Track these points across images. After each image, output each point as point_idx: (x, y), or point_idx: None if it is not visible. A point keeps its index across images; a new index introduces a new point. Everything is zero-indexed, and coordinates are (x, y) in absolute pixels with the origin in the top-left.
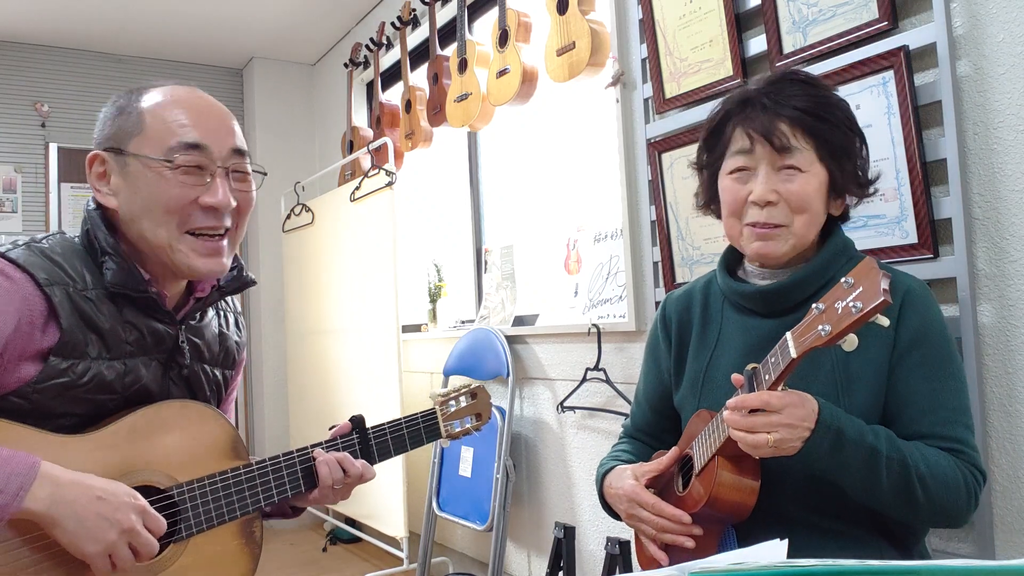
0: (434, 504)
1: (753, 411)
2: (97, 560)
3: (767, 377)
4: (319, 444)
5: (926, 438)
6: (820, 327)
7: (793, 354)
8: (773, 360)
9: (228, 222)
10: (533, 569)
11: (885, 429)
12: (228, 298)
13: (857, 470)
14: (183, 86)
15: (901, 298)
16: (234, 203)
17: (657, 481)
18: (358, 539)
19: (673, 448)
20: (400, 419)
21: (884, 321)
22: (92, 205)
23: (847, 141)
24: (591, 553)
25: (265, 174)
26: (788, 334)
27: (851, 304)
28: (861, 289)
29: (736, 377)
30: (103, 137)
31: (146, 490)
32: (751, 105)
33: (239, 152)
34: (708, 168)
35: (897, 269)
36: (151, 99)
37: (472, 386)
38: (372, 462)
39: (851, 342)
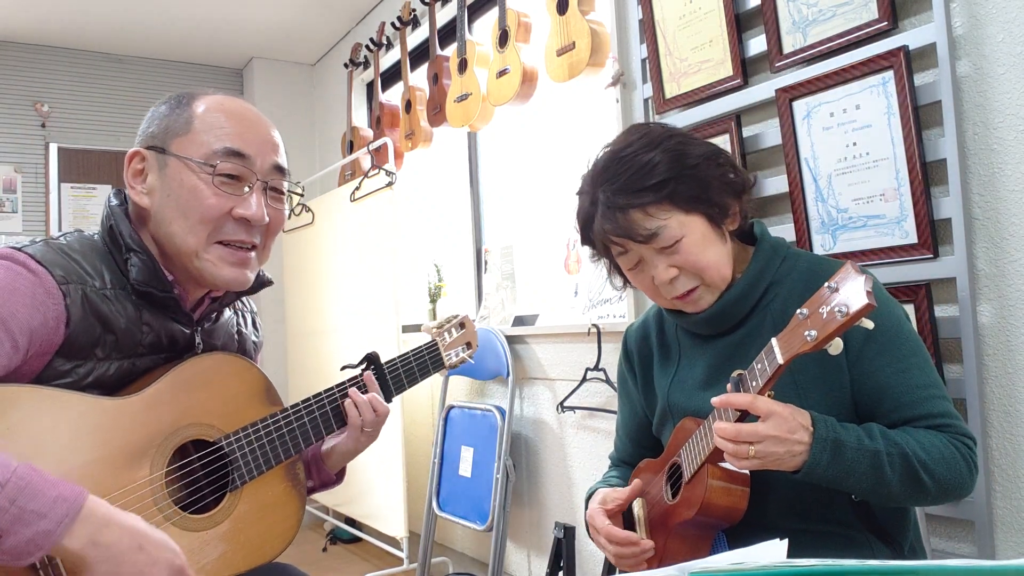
0: (434, 504)
1: (740, 419)
2: None
3: (754, 384)
4: (344, 384)
5: (910, 421)
6: (806, 332)
7: (780, 360)
8: (760, 367)
9: (257, 238)
10: (533, 569)
11: (877, 426)
12: (245, 298)
13: (863, 475)
14: (234, 97)
15: None
16: (267, 219)
17: (647, 492)
18: (358, 539)
19: (651, 462)
20: (408, 352)
21: (868, 324)
22: (115, 201)
23: (695, 177)
24: (591, 553)
25: (302, 194)
26: (774, 340)
27: (836, 309)
28: (846, 294)
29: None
30: (147, 134)
31: (197, 443)
32: (597, 213)
33: (280, 169)
34: (605, 259)
35: (833, 260)
36: (203, 104)
37: (459, 316)
38: (388, 397)
39: (836, 346)
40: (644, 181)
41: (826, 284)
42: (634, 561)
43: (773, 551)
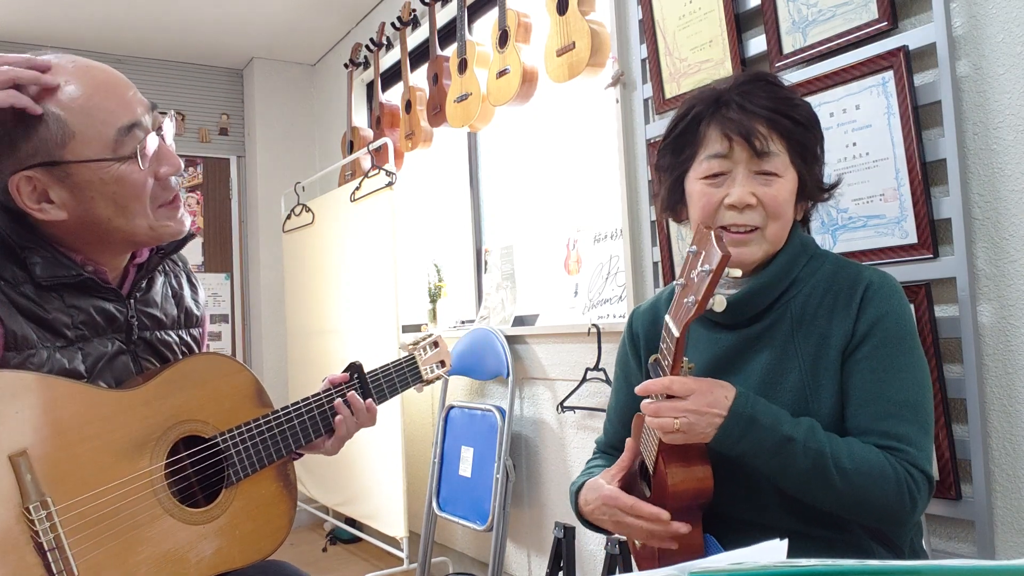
0: (434, 504)
1: (669, 398)
2: None
3: (665, 363)
4: (331, 392)
5: (864, 434)
6: (686, 300)
7: (676, 334)
8: (665, 346)
9: (176, 182)
10: (533, 569)
11: (811, 420)
12: (173, 257)
13: (768, 455)
14: (66, 62)
15: (861, 293)
16: (179, 160)
17: (627, 484)
18: (358, 539)
19: (628, 442)
20: (389, 364)
21: (737, 272)
22: None
23: (815, 144)
24: (591, 553)
25: (169, 112)
26: (667, 317)
27: (701, 270)
28: (705, 253)
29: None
30: (19, 157)
31: (192, 439)
32: (725, 105)
33: (153, 107)
34: (673, 171)
35: (858, 263)
36: (58, 97)
37: (432, 335)
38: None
39: (720, 303)
40: (784, 109)
41: (688, 250)
42: (660, 542)
43: (773, 551)
